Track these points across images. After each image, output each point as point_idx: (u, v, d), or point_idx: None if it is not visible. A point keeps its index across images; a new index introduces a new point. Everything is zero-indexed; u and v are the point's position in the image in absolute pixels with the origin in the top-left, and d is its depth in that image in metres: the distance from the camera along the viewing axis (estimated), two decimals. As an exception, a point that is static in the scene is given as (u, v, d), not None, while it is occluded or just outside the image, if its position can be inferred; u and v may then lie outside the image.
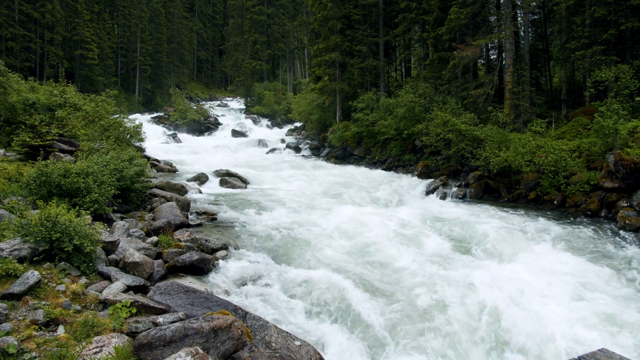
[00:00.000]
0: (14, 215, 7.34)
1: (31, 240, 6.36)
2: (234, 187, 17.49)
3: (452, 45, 21.27)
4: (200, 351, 4.43)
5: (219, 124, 47.50)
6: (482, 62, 25.46)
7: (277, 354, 5.05)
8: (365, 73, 29.55)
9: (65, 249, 6.46)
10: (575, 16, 18.57)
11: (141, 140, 20.66)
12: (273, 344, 5.73)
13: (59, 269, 6.31)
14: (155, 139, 33.89)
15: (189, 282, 7.57)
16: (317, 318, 7.28)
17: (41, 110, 16.71)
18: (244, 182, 18.27)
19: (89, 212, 8.51)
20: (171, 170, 21.10)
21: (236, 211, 13.12)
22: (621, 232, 11.85)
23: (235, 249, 9.59)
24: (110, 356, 4.63)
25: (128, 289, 6.47)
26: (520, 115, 18.85)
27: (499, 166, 15.81)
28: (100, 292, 6.14)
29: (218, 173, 18.96)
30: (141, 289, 6.72)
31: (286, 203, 14.37)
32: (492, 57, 25.28)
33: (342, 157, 28.23)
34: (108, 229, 8.58)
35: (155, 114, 51.61)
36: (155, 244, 8.90)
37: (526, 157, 15.52)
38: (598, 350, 4.33)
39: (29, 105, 16.70)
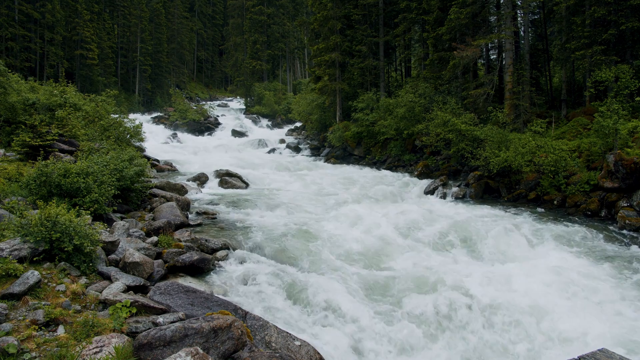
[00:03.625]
0: (14, 215, 7.34)
1: (31, 240, 6.36)
2: (234, 187, 17.48)
3: (452, 45, 21.27)
4: (200, 351, 4.43)
5: (219, 124, 47.50)
6: (482, 62, 25.48)
7: (277, 354, 5.05)
8: (365, 73, 29.56)
9: (65, 249, 6.46)
10: (575, 16, 18.58)
11: (141, 140, 20.67)
12: (273, 344, 5.73)
13: (59, 269, 6.31)
14: (155, 139, 33.89)
15: (189, 282, 7.57)
16: (316, 319, 7.27)
17: (41, 110, 16.71)
18: (244, 182, 18.27)
19: (89, 212, 8.51)
20: (171, 170, 21.11)
21: (236, 211, 13.12)
22: (621, 232, 11.86)
23: (235, 249, 9.58)
24: (110, 356, 4.62)
25: (128, 289, 6.47)
26: (520, 115, 18.85)
27: (499, 166, 15.81)
28: (100, 292, 6.14)
29: (218, 173, 18.95)
30: (141, 289, 6.72)
31: (286, 203, 14.36)
32: (492, 57, 25.30)
33: (342, 157, 28.24)
34: (108, 229, 8.57)
35: (155, 114, 51.62)
36: (155, 244, 8.90)
37: (526, 157, 15.51)
38: (598, 350, 4.33)
39: (29, 105, 16.70)
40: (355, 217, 12.72)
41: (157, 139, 34.34)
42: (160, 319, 5.55)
